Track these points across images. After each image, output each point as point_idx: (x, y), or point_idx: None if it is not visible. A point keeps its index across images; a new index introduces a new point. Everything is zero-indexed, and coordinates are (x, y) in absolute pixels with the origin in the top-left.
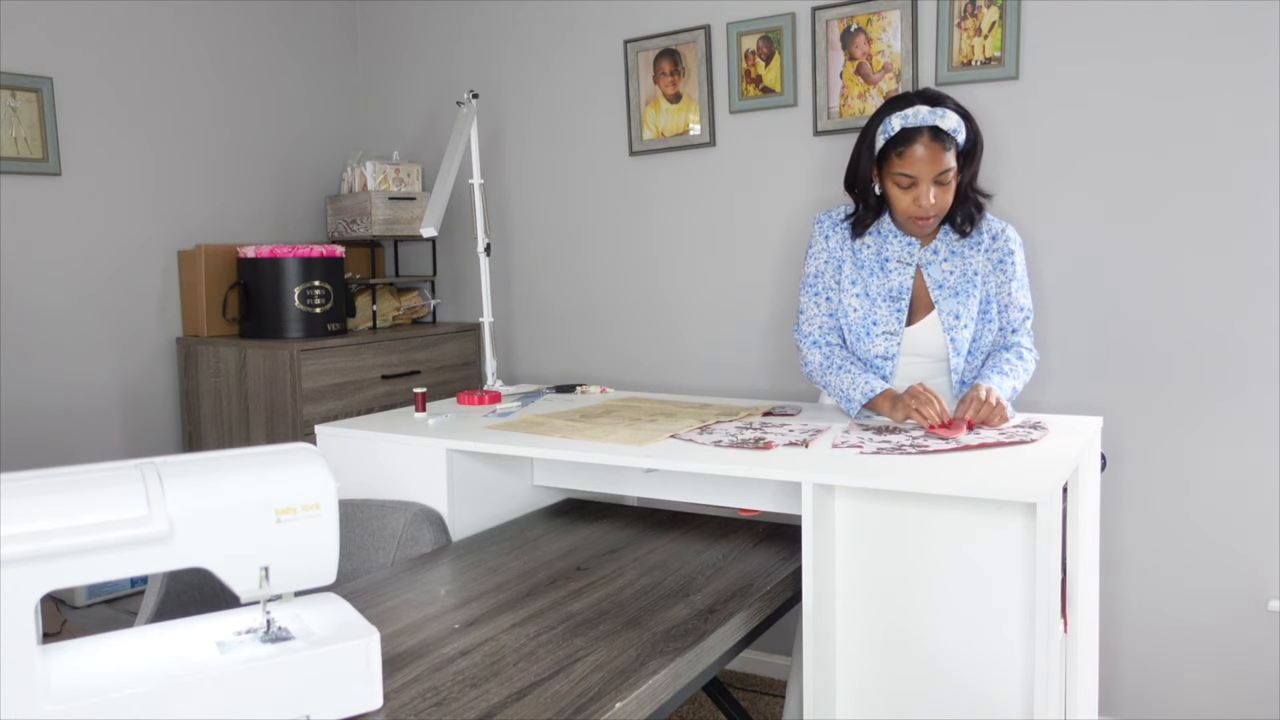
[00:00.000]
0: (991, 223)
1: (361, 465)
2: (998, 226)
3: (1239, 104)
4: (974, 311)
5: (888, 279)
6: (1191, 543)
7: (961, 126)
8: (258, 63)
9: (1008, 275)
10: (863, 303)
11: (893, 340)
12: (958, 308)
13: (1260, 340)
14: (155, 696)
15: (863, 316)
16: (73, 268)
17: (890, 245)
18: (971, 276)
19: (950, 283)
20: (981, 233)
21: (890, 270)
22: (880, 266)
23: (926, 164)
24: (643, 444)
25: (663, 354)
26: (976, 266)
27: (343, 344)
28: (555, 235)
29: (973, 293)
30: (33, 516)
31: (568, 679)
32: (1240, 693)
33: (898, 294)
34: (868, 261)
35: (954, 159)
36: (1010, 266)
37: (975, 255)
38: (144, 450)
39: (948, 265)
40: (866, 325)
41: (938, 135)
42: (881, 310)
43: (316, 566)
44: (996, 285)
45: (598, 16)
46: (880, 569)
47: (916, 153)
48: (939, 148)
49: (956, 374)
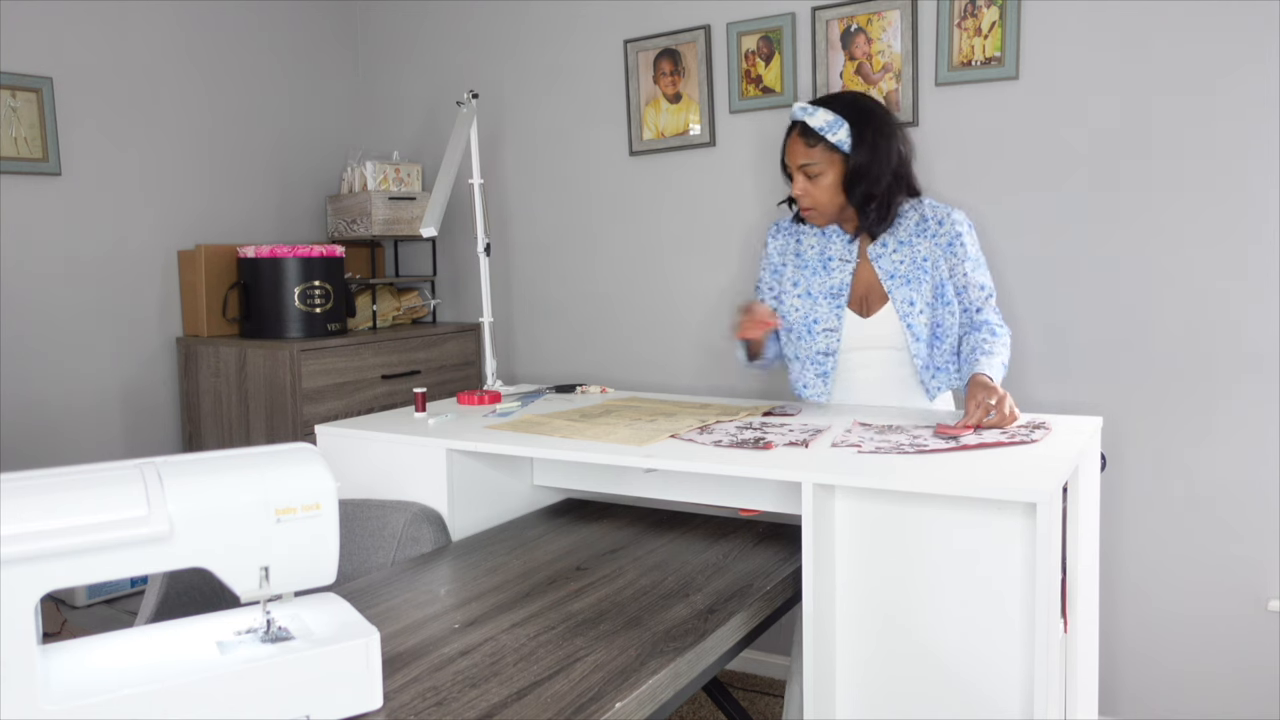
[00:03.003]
0: (936, 209)
1: (361, 465)
2: (943, 212)
3: (1239, 104)
4: (927, 297)
5: (829, 277)
6: (1191, 543)
7: (834, 126)
8: (258, 63)
9: (959, 257)
10: (804, 302)
11: (832, 336)
12: (911, 294)
13: (1261, 340)
14: (155, 696)
15: (804, 315)
16: (73, 268)
17: (833, 244)
18: (921, 263)
19: (901, 271)
20: (926, 220)
21: (832, 269)
22: (823, 265)
23: (793, 156)
24: (643, 444)
25: (663, 354)
26: (925, 253)
27: (343, 344)
28: (555, 235)
29: (924, 279)
30: (33, 516)
31: (568, 679)
32: (1240, 692)
33: (838, 290)
34: (811, 261)
35: (821, 155)
36: (961, 248)
37: (922, 242)
38: (144, 450)
39: (897, 255)
40: (808, 324)
41: (804, 131)
42: (822, 308)
43: (316, 566)
44: (950, 269)
45: (598, 16)
46: (880, 569)
47: (789, 146)
48: (802, 142)
49: (920, 359)
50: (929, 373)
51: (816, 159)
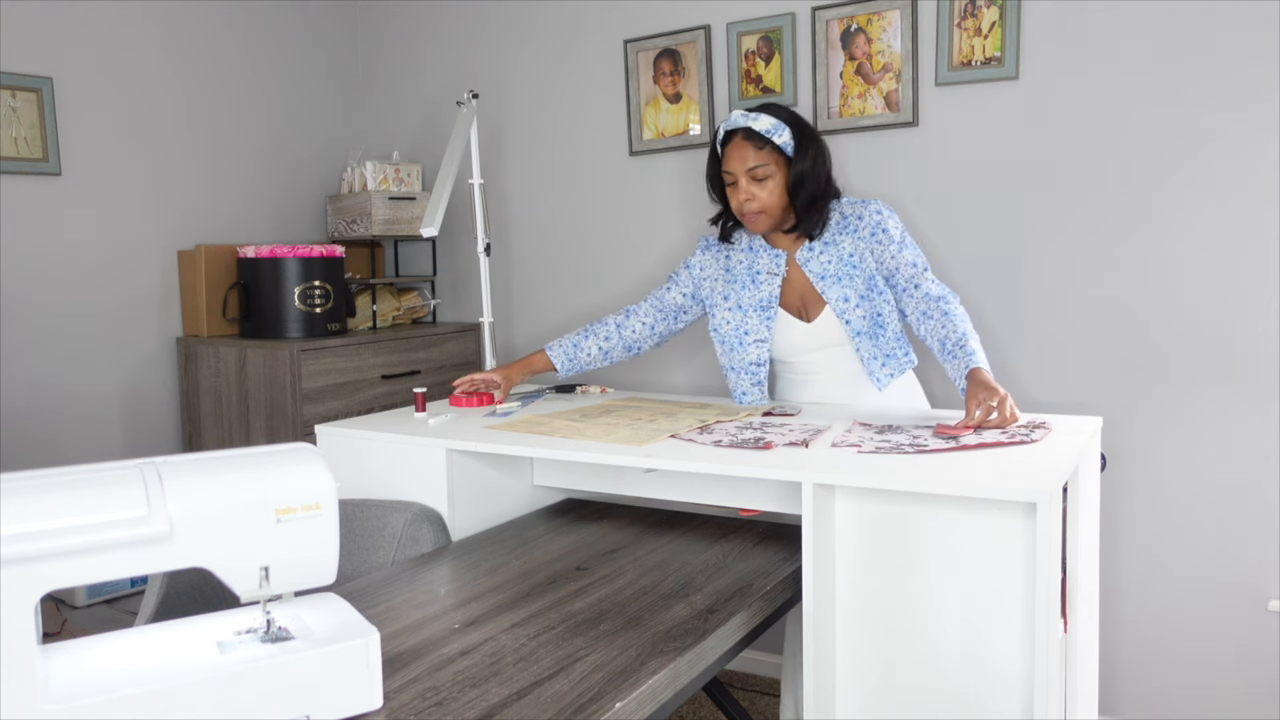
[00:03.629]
0: (854, 205)
1: (361, 465)
2: (859, 207)
3: (1239, 103)
4: (861, 290)
5: (758, 290)
6: (1191, 543)
7: (778, 129)
8: (258, 62)
9: (884, 244)
10: (735, 315)
11: (763, 347)
12: (845, 291)
13: (1260, 340)
14: (155, 696)
15: (735, 328)
16: (73, 268)
17: (760, 258)
18: (849, 259)
19: (831, 271)
20: (846, 217)
21: (761, 282)
22: (751, 279)
23: (739, 161)
24: (643, 444)
25: (662, 354)
26: (850, 249)
27: (343, 344)
28: (555, 235)
29: (854, 274)
30: (33, 516)
31: (568, 679)
32: (1240, 693)
33: (767, 303)
34: (740, 275)
35: (770, 157)
36: (884, 235)
37: (845, 240)
38: (144, 450)
39: (824, 256)
40: (739, 335)
41: (749, 135)
42: (752, 320)
43: (316, 566)
44: (878, 259)
45: (598, 16)
46: (880, 569)
47: (731, 152)
48: (750, 146)
49: (864, 352)
50: (877, 363)
51: (766, 160)
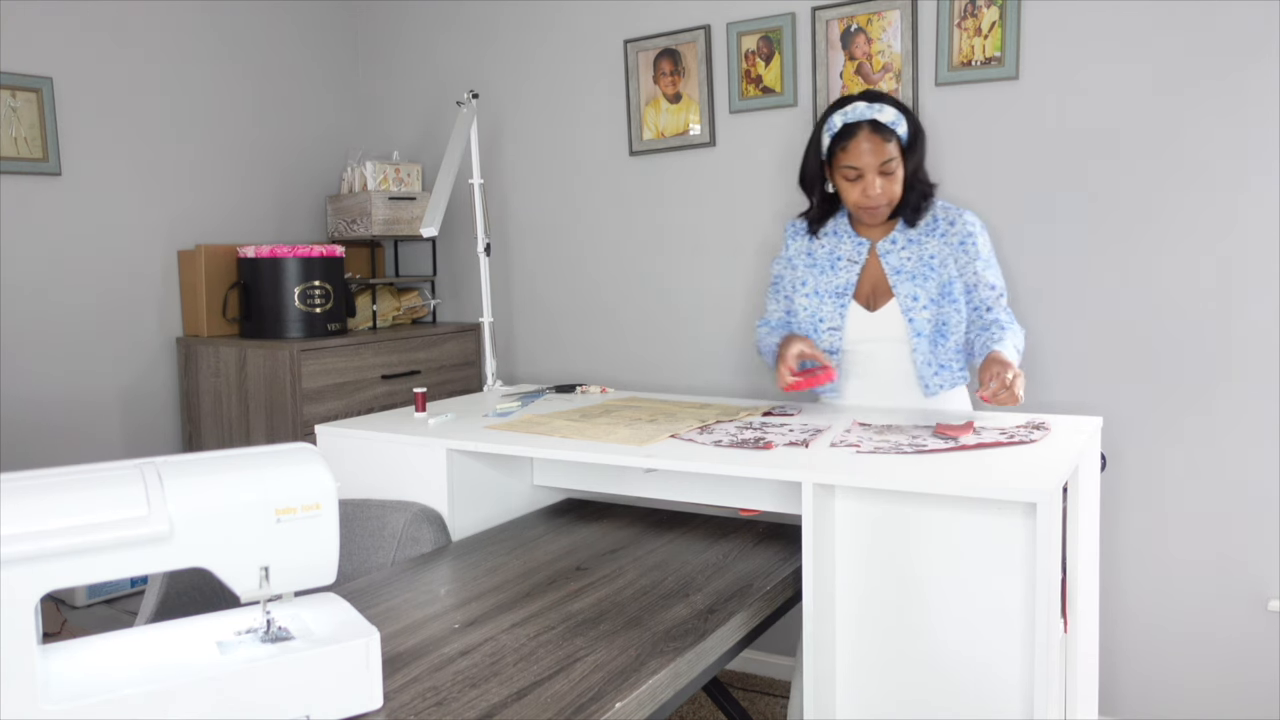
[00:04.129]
0: (948, 210)
1: (361, 465)
2: (954, 213)
3: (1238, 103)
4: (932, 293)
5: (836, 276)
6: (1191, 543)
7: (901, 120)
8: (257, 63)
9: (970, 256)
10: (811, 301)
11: (835, 334)
12: (915, 290)
13: (1260, 340)
14: (155, 696)
15: (811, 314)
16: (73, 268)
17: (843, 245)
18: (928, 260)
19: (907, 268)
20: (937, 220)
21: (840, 269)
22: (831, 266)
23: (869, 155)
24: (643, 444)
25: (663, 354)
26: (933, 251)
27: (343, 344)
28: (555, 235)
29: (930, 276)
30: (33, 516)
31: (568, 679)
32: (1240, 693)
33: (843, 290)
34: (821, 261)
35: (896, 149)
36: (972, 248)
37: (931, 241)
38: (144, 450)
39: (905, 252)
40: (814, 323)
41: (877, 128)
42: (827, 306)
43: (316, 566)
44: (960, 268)
45: (598, 16)
46: (880, 569)
47: (860, 146)
48: (879, 139)
49: (920, 355)
50: (930, 369)
51: (894, 154)
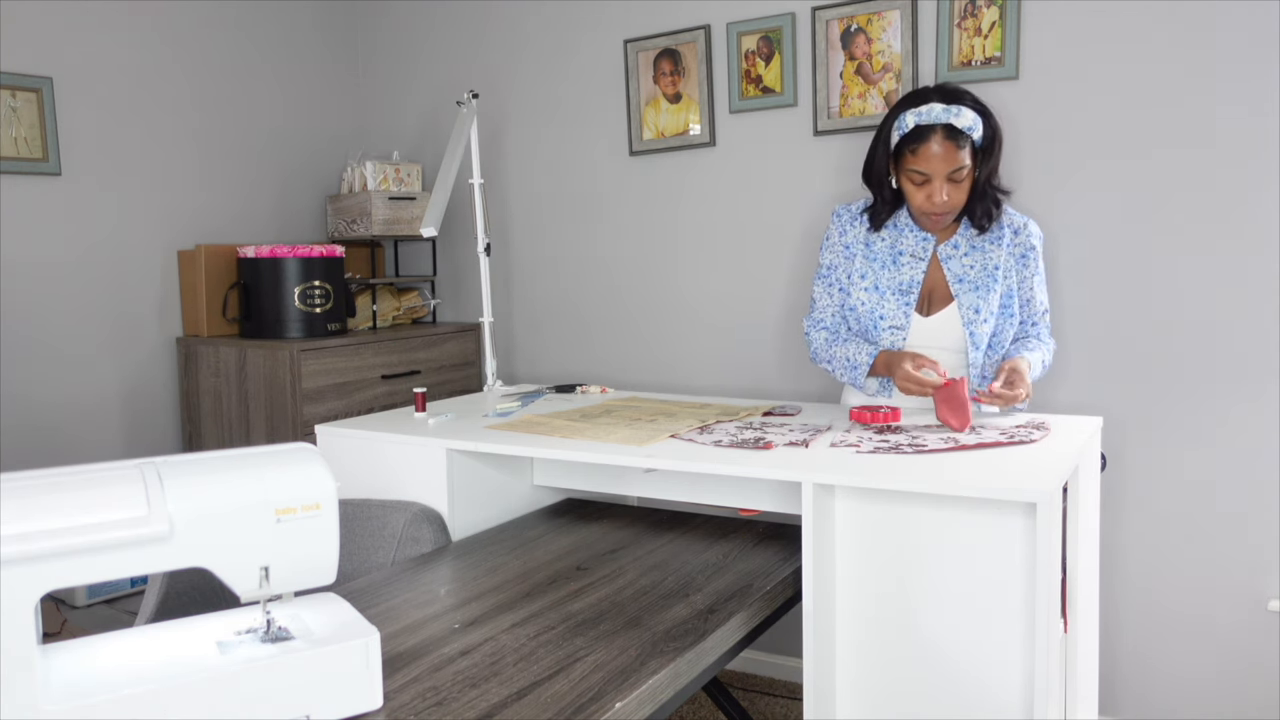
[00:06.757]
0: (1013, 217)
1: (361, 465)
2: (1019, 221)
3: (1239, 104)
4: (994, 306)
5: (899, 272)
6: (1192, 542)
7: (978, 124)
8: (258, 63)
9: (1030, 270)
10: (871, 296)
11: (899, 334)
12: (978, 301)
13: (1260, 340)
14: (155, 696)
15: (870, 310)
16: (73, 268)
17: (905, 239)
18: (993, 271)
19: (971, 277)
20: (1003, 227)
21: (903, 264)
22: (893, 260)
23: (940, 161)
24: (643, 444)
25: (662, 354)
26: (998, 261)
27: (343, 344)
28: (555, 235)
29: (994, 287)
30: (33, 516)
31: (568, 679)
32: (1240, 692)
33: (908, 288)
34: (880, 254)
35: (969, 157)
36: (1033, 262)
37: (996, 250)
38: (144, 450)
39: (968, 260)
40: (874, 319)
41: (951, 133)
42: (890, 304)
43: (316, 566)
44: (1019, 280)
45: (598, 16)
46: (880, 569)
47: (930, 150)
48: (952, 145)
49: (975, 367)
50: (978, 381)
51: (966, 162)
